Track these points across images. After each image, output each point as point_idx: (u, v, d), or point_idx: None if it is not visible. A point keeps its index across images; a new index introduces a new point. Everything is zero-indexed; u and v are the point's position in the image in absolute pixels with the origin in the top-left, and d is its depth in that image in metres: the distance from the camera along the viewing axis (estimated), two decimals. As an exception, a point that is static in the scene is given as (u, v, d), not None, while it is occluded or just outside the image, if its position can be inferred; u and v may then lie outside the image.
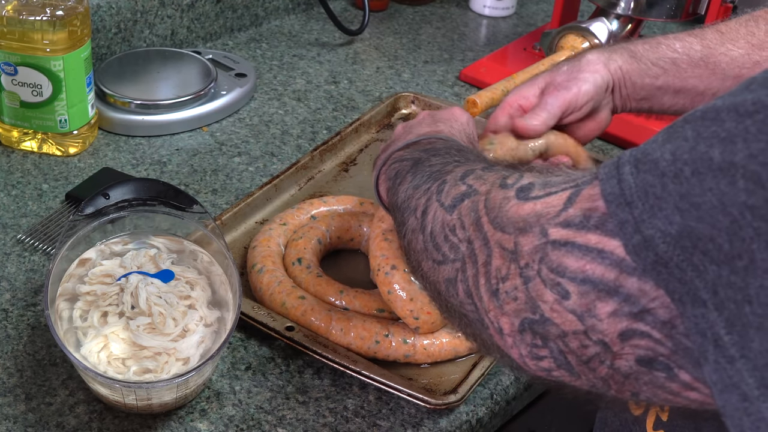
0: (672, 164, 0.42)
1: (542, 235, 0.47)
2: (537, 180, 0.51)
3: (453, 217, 0.55)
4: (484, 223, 0.52)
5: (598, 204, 0.45)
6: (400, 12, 1.46)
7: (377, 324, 0.80)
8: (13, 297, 0.85)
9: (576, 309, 0.46)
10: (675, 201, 0.41)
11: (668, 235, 0.41)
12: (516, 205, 0.50)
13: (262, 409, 0.76)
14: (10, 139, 1.05)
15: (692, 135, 0.42)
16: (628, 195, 0.44)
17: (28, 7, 0.96)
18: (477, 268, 0.51)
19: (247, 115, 1.16)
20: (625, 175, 0.44)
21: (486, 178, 0.56)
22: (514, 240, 0.49)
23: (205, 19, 1.28)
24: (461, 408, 0.78)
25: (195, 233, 0.81)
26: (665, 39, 0.87)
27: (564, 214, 0.47)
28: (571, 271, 0.46)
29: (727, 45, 0.84)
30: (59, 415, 0.74)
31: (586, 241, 0.45)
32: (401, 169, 0.68)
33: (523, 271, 0.48)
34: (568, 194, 0.48)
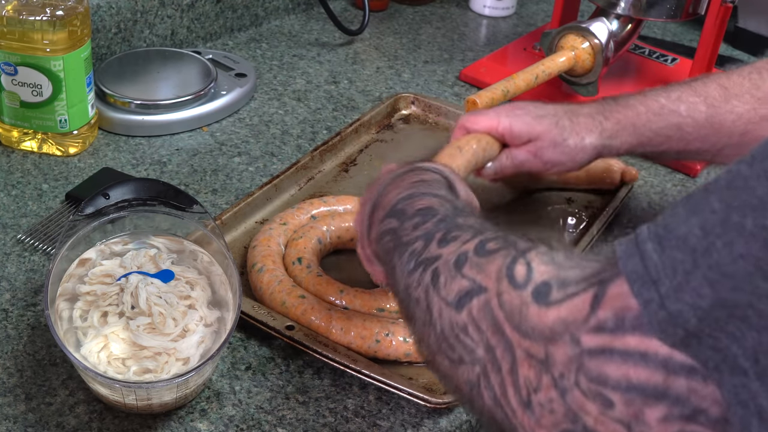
0: (703, 239, 0.40)
1: (574, 344, 0.44)
2: (551, 275, 0.48)
3: (462, 316, 0.52)
4: (506, 329, 0.49)
5: (630, 302, 0.43)
6: (400, 12, 1.46)
7: (377, 323, 0.80)
8: (13, 297, 0.85)
9: (623, 418, 0.43)
10: (703, 273, 0.40)
11: (699, 308, 0.40)
12: (538, 312, 0.47)
13: (262, 409, 0.76)
14: (10, 139, 1.05)
15: (720, 207, 0.40)
16: (654, 273, 0.42)
17: (28, 7, 0.96)
18: (502, 376, 0.48)
19: (247, 115, 1.16)
20: (648, 253, 0.42)
21: (486, 270, 0.52)
22: (544, 350, 0.46)
23: (205, 19, 1.28)
24: (461, 408, 0.78)
25: (195, 233, 0.81)
26: (668, 101, 0.86)
27: (594, 318, 0.44)
28: (613, 379, 0.43)
29: (732, 102, 0.83)
30: (59, 415, 0.74)
31: (625, 345, 0.43)
32: (387, 250, 0.65)
33: (558, 382, 0.45)
34: (592, 294, 0.45)
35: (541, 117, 0.88)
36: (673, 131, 0.86)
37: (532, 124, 0.88)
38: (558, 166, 0.89)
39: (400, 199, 0.66)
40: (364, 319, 0.81)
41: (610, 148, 0.88)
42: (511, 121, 0.88)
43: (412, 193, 0.66)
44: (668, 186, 1.09)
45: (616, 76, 1.23)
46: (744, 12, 1.38)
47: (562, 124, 0.87)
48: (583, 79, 1.14)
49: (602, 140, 0.88)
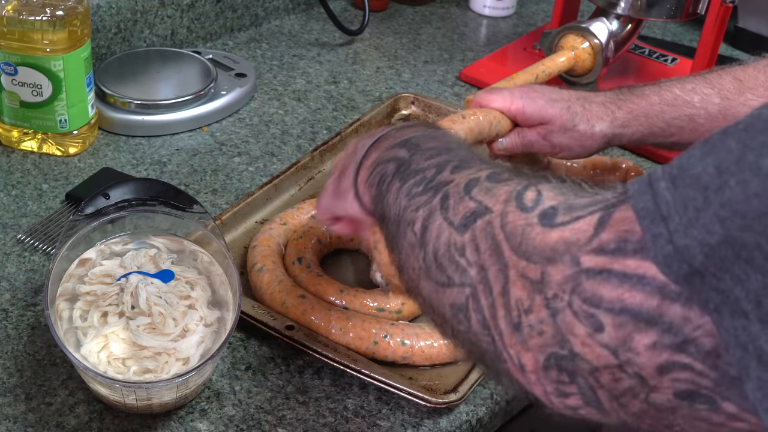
0: (717, 177, 0.40)
1: (574, 263, 0.44)
2: (559, 201, 0.48)
3: (465, 237, 0.51)
4: (505, 249, 0.48)
5: (635, 227, 0.42)
6: (400, 12, 1.46)
7: (376, 325, 0.80)
8: (13, 297, 0.85)
9: (610, 343, 0.43)
10: (715, 210, 0.39)
11: (706, 245, 0.39)
12: (541, 232, 0.46)
13: (262, 409, 0.76)
14: (10, 139, 1.05)
15: (737, 146, 0.40)
16: (665, 210, 0.41)
17: (28, 7, 0.96)
18: (493, 297, 0.48)
19: (247, 115, 1.16)
20: (660, 191, 0.42)
21: (495, 193, 0.52)
22: (541, 270, 0.45)
23: (205, 19, 1.28)
24: (461, 408, 0.78)
25: (195, 233, 0.81)
26: (682, 91, 0.86)
27: (596, 240, 0.44)
28: (607, 300, 0.42)
29: (746, 94, 0.83)
30: (59, 415, 0.74)
31: (624, 267, 0.42)
32: (385, 173, 0.63)
33: (550, 303, 0.45)
34: (598, 218, 0.45)
35: (554, 101, 0.89)
36: (685, 122, 0.86)
37: (545, 107, 0.89)
38: (566, 150, 0.90)
39: (414, 136, 0.65)
40: (363, 320, 0.81)
41: (620, 136, 0.89)
42: (524, 102, 0.89)
43: (428, 134, 0.65)
44: (668, 186, 1.09)
45: (616, 76, 1.23)
46: (744, 12, 1.38)
47: (573, 109, 0.88)
48: (583, 79, 1.14)
49: (613, 129, 0.88)
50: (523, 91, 0.91)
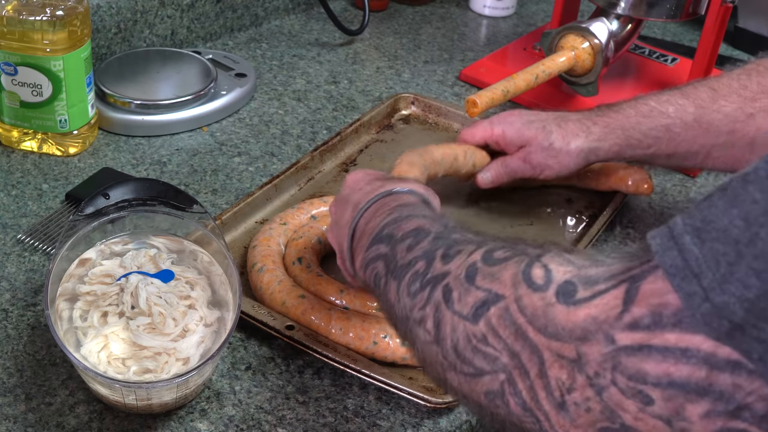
0: (746, 229, 0.40)
1: (608, 342, 0.44)
2: (572, 274, 0.48)
3: (479, 327, 0.51)
4: (530, 332, 0.48)
5: (669, 298, 0.42)
6: (400, 12, 1.46)
7: (376, 325, 0.80)
8: (13, 297, 0.85)
9: (663, 414, 0.42)
10: (749, 263, 0.39)
11: (746, 300, 0.39)
12: (565, 311, 0.46)
13: (262, 409, 0.76)
14: (10, 139, 1.05)
15: (762, 197, 0.40)
16: (695, 266, 0.41)
17: (28, 7, 0.96)
18: (531, 380, 0.48)
19: (247, 115, 1.16)
20: (687, 246, 0.42)
21: (500, 278, 0.51)
22: (575, 349, 0.45)
23: (205, 19, 1.28)
24: (461, 408, 0.78)
25: (195, 233, 0.81)
26: (658, 103, 0.89)
27: (628, 315, 0.43)
28: (653, 376, 0.42)
29: (720, 102, 0.85)
30: (59, 415, 0.74)
31: (665, 342, 0.42)
32: (378, 274, 0.64)
33: (593, 381, 0.44)
34: (624, 291, 0.44)
35: (530, 123, 0.93)
36: (661, 132, 0.88)
37: (522, 129, 0.93)
38: (547, 169, 0.93)
39: (384, 225, 0.66)
40: (363, 320, 0.81)
41: (597, 151, 0.91)
42: (503, 127, 0.94)
43: (396, 218, 0.66)
44: (668, 186, 1.09)
45: (616, 76, 1.23)
46: (744, 12, 1.38)
47: (548, 128, 0.92)
48: (583, 79, 1.14)
49: (589, 143, 0.91)
50: (501, 117, 0.96)
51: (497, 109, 1.17)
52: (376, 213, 0.68)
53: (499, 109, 1.18)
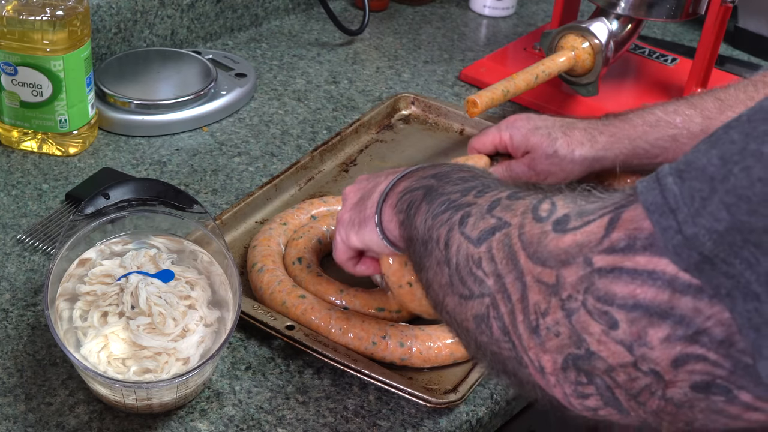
0: (722, 167, 0.41)
1: (586, 264, 0.46)
2: (571, 209, 0.50)
3: (480, 249, 0.53)
4: (521, 257, 0.50)
5: (644, 224, 0.44)
6: (400, 12, 1.46)
7: (375, 325, 0.80)
8: (13, 297, 0.85)
9: (625, 339, 0.44)
10: (721, 197, 0.40)
11: (714, 231, 0.40)
12: (555, 238, 0.48)
13: (262, 409, 0.76)
14: (10, 139, 1.05)
15: (740, 137, 0.41)
16: (673, 202, 0.42)
17: (28, 7, 0.96)
18: (512, 304, 0.49)
19: (247, 115, 1.16)
20: (668, 185, 0.43)
21: (514, 208, 0.53)
22: (555, 273, 0.47)
23: (205, 19, 1.28)
24: (461, 408, 0.78)
25: (195, 233, 0.81)
26: (665, 113, 0.89)
27: (607, 240, 0.45)
28: (620, 297, 0.44)
29: (727, 113, 0.85)
30: (59, 415, 0.74)
31: (635, 264, 0.43)
32: (413, 199, 0.65)
33: (565, 304, 0.46)
34: (608, 219, 0.46)
35: (536, 129, 0.93)
36: (668, 143, 0.88)
37: (528, 135, 0.93)
38: (550, 176, 0.94)
39: (443, 170, 0.66)
40: (362, 320, 0.81)
41: (602, 159, 0.92)
42: (510, 132, 0.95)
43: (457, 167, 0.67)
44: (668, 186, 1.09)
45: (616, 76, 1.23)
46: (744, 12, 1.38)
47: (554, 135, 0.92)
48: (583, 79, 1.14)
49: (594, 152, 0.91)
50: (509, 121, 0.96)
51: (498, 110, 1.17)
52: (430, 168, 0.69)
53: (501, 110, 1.18)
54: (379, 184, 0.72)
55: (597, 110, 1.17)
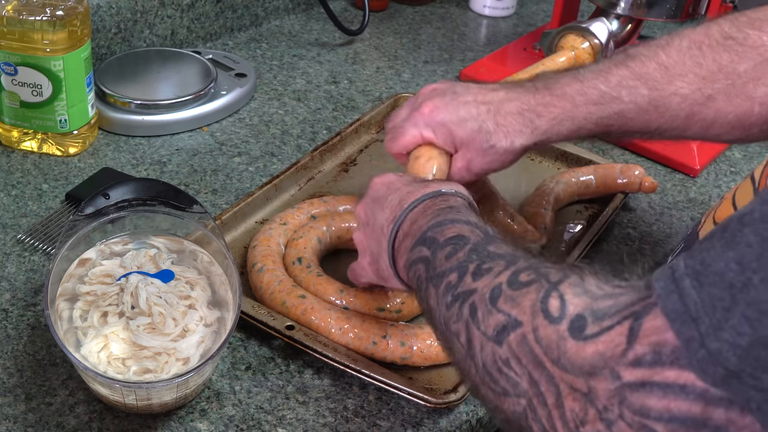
0: (740, 274, 0.41)
1: (614, 378, 0.46)
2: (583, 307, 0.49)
3: (503, 350, 0.53)
4: (545, 362, 0.50)
5: (667, 336, 0.44)
6: (400, 12, 1.46)
7: (375, 325, 0.80)
8: (13, 297, 0.85)
9: None
10: (742, 311, 0.40)
11: (738, 347, 0.40)
12: (575, 346, 0.48)
13: (262, 409, 0.76)
14: (10, 139, 1.05)
15: (756, 240, 0.41)
16: (693, 311, 0.42)
17: (28, 7, 0.96)
18: (549, 409, 0.50)
19: (247, 115, 1.16)
20: (686, 290, 0.43)
21: (520, 303, 0.53)
22: (586, 384, 0.47)
23: (205, 19, 1.28)
24: (461, 408, 0.78)
25: (195, 233, 0.81)
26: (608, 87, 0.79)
27: (631, 352, 0.45)
28: (656, 411, 0.44)
29: (676, 82, 0.77)
30: (59, 415, 0.74)
31: (665, 378, 0.44)
32: (420, 277, 0.65)
33: (602, 414, 0.46)
34: (628, 328, 0.46)
35: (462, 121, 0.80)
36: (614, 119, 0.80)
37: (454, 130, 0.80)
38: (489, 172, 0.83)
39: (430, 227, 0.66)
40: (363, 320, 0.81)
41: (544, 143, 0.82)
42: (432, 129, 0.81)
43: (441, 221, 0.66)
44: (668, 186, 1.09)
45: (616, 76, 1.23)
46: (744, 12, 1.38)
47: (485, 127, 0.79)
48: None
49: (535, 138, 0.80)
50: (424, 114, 0.81)
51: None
52: (423, 213, 0.68)
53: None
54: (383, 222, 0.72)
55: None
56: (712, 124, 0.77)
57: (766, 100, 0.75)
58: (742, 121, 0.76)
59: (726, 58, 0.75)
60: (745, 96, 0.75)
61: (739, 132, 0.77)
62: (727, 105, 0.76)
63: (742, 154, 1.18)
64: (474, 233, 0.63)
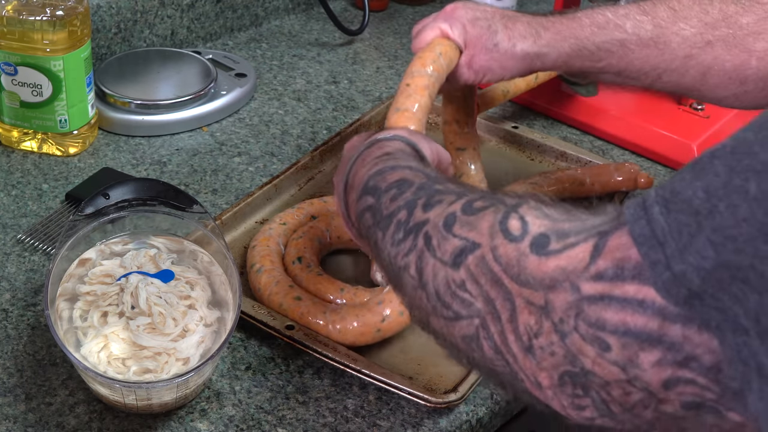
0: (706, 201, 0.41)
1: (574, 291, 0.46)
2: (546, 227, 0.49)
3: (460, 273, 0.53)
4: (505, 280, 0.50)
5: (631, 252, 0.44)
6: (400, 12, 1.46)
7: (368, 314, 0.80)
8: (13, 297, 0.85)
9: (618, 360, 0.45)
10: (707, 235, 0.41)
11: (702, 269, 0.41)
12: (536, 261, 0.48)
13: (262, 409, 0.76)
14: (10, 139, 1.05)
15: (724, 170, 0.42)
16: (660, 235, 0.43)
17: (28, 7, 0.97)
18: (502, 324, 0.50)
19: (247, 115, 1.16)
20: (655, 215, 0.44)
21: (477, 226, 0.53)
22: (543, 297, 0.47)
23: (205, 19, 1.28)
24: (461, 408, 0.78)
25: (195, 233, 0.81)
26: (615, 16, 0.83)
27: (593, 267, 0.46)
28: (611, 324, 0.45)
29: (680, 23, 0.81)
30: (59, 415, 0.74)
31: (624, 292, 0.44)
32: (367, 225, 0.65)
33: (557, 326, 0.47)
34: (593, 245, 0.46)
35: (476, 20, 0.85)
36: (615, 47, 0.83)
37: (467, 26, 0.85)
38: (489, 73, 0.86)
39: (370, 176, 0.66)
40: (357, 314, 0.80)
41: (544, 57, 0.85)
42: (450, 23, 0.86)
43: (381, 169, 0.66)
44: (668, 186, 1.09)
45: (616, 76, 1.23)
46: (744, 12, 1.37)
47: (494, 27, 0.84)
48: (583, 79, 1.14)
49: (537, 48, 0.84)
50: (446, 12, 0.87)
51: (498, 109, 1.17)
52: (363, 164, 0.68)
53: (500, 110, 1.18)
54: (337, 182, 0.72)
55: (597, 110, 1.17)
56: (709, 70, 0.79)
57: (764, 55, 0.77)
58: (739, 73, 0.78)
59: (732, 10, 0.78)
60: (743, 47, 0.78)
61: (735, 86, 0.79)
62: (725, 53, 0.79)
63: (742, 154, 1.18)
64: (417, 176, 0.63)
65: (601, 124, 1.16)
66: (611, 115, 1.16)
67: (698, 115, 1.17)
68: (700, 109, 1.17)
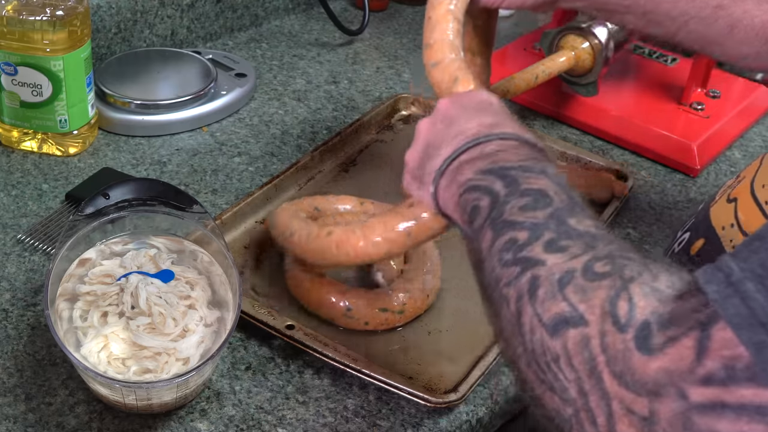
0: None
1: (680, 398, 0.41)
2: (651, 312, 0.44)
3: (556, 344, 0.47)
4: (605, 375, 0.45)
5: (739, 350, 0.39)
6: (400, 12, 1.46)
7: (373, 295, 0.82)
8: (13, 297, 0.85)
9: None
10: None
11: None
12: (641, 361, 0.43)
13: (262, 409, 0.76)
14: (10, 139, 1.05)
15: None
16: (762, 315, 0.39)
17: (28, 7, 0.96)
18: (598, 429, 0.45)
19: (247, 115, 1.16)
20: (750, 293, 0.40)
21: (590, 299, 0.47)
22: (648, 406, 0.42)
23: (205, 19, 1.28)
24: (461, 408, 0.78)
25: (195, 233, 0.81)
26: None
27: (701, 369, 0.41)
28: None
29: None
30: (59, 415, 0.74)
31: (739, 398, 0.39)
32: (477, 207, 0.59)
33: None
34: (696, 340, 0.41)
35: None
36: None
37: None
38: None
39: (517, 166, 0.60)
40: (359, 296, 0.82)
41: None
42: None
43: (531, 166, 0.60)
44: (668, 186, 1.09)
45: (616, 76, 1.23)
46: (744, 12, 1.37)
47: None
48: (583, 79, 1.14)
49: None
50: None
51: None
52: (516, 150, 0.63)
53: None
54: (445, 142, 0.66)
55: (597, 110, 1.17)
56: (738, 23, 0.78)
57: None
58: (767, 30, 0.77)
59: None
60: None
61: (761, 43, 0.78)
62: (756, 8, 0.78)
63: (742, 154, 1.18)
64: (559, 196, 0.57)
65: (601, 124, 1.16)
66: (611, 115, 1.16)
67: (698, 115, 1.17)
68: (700, 109, 1.17)
